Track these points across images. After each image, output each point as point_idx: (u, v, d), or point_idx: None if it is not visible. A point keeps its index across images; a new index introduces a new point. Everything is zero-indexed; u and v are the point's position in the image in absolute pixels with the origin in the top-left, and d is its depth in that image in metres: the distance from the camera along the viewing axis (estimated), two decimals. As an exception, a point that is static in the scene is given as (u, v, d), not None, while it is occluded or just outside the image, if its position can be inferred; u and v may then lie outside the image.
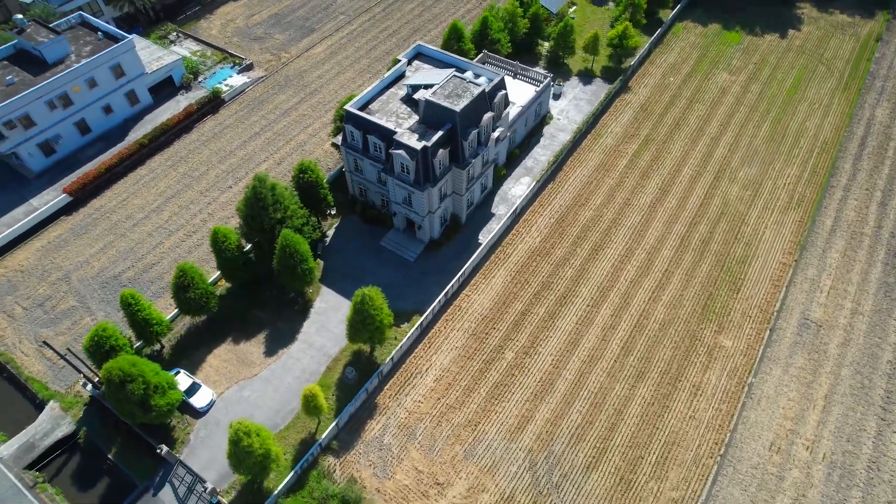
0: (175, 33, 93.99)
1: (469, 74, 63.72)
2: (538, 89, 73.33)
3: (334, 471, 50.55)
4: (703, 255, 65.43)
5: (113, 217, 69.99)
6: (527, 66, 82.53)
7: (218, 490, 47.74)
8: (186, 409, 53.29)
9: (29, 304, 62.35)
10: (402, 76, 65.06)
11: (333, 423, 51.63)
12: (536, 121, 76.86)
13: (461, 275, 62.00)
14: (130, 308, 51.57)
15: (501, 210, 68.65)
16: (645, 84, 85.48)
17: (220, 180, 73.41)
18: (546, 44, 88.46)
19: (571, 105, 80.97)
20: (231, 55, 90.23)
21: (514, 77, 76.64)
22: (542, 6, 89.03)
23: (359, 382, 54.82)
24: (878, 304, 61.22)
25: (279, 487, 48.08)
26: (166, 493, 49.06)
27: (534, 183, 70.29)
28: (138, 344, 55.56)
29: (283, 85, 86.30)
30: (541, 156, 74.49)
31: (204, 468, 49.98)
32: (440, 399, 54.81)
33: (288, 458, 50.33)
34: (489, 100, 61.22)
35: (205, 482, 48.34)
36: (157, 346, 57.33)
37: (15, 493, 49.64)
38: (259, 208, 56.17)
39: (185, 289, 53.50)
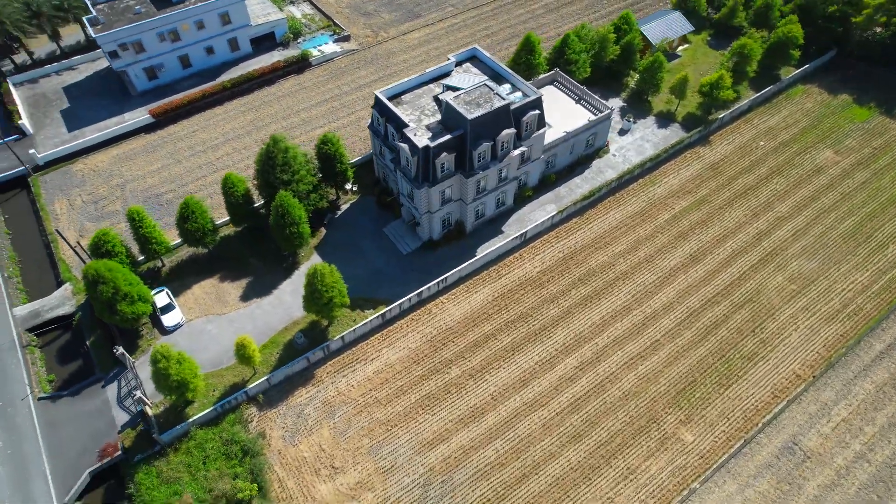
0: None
1: (506, 87, 62.45)
2: (593, 119, 69.75)
3: (251, 421, 53.52)
4: (706, 337, 59.02)
5: (178, 144, 78.39)
6: (594, 94, 79.02)
7: (147, 401, 52.73)
8: (158, 323, 59.09)
9: (88, 199, 72.25)
10: (446, 75, 65.35)
11: (265, 378, 54.54)
12: (587, 151, 73.23)
13: (441, 281, 61.70)
14: (134, 223, 58.02)
15: (513, 230, 66.85)
16: (728, 141, 77.71)
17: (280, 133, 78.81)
18: (635, 75, 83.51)
19: (635, 144, 75.94)
20: (334, 24, 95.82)
21: (577, 102, 73.53)
22: (643, 35, 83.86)
23: (306, 349, 57.11)
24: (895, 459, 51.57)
25: (194, 417, 52.04)
26: (111, 389, 55.14)
27: (556, 212, 67.43)
28: (141, 258, 62.15)
29: (369, 61, 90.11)
30: (578, 187, 71.05)
31: (150, 378, 55.32)
32: (371, 391, 55.53)
33: (216, 394, 54.11)
34: (514, 117, 59.63)
35: (139, 388, 53.63)
36: (159, 264, 63.86)
37: (10, 347, 58.60)
38: (269, 166, 60.07)
39: (185, 220, 59.00)
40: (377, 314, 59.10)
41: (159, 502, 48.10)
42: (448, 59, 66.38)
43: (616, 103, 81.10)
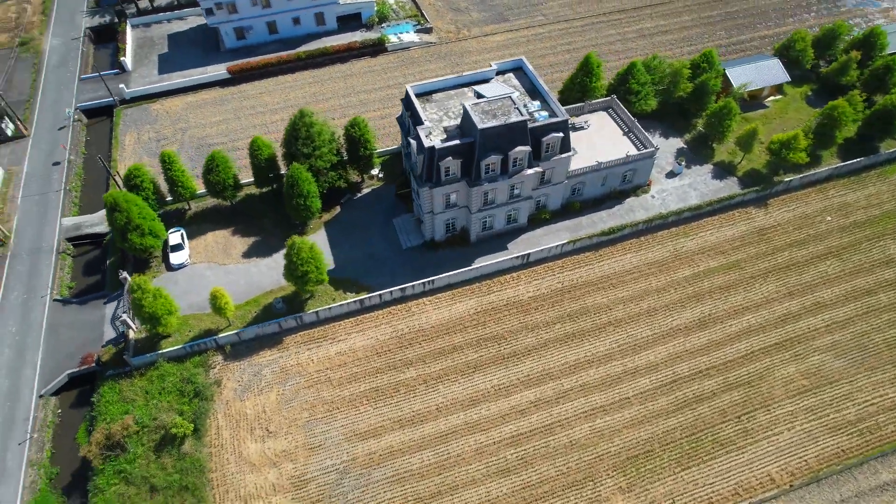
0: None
1: (535, 104, 60.56)
2: (631, 154, 65.87)
3: (213, 367, 56.97)
4: (682, 409, 54.29)
5: (244, 102, 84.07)
6: (657, 129, 74.75)
7: (131, 325, 57.60)
8: (166, 259, 64.29)
9: (153, 136, 79.73)
10: (484, 81, 64.58)
11: (236, 332, 57.75)
12: (622, 186, 69.31)
13: (428, 282, 61.63)
14: (165, 165, 63.33)
15: (518, 249, 65.08)
16: (789, 209, 70.15)
17: (331, 110, 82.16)
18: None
19: (680, 190, 70.74)
20: (421, 14, 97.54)
21: (624, 133, 69.78)
22: (724, 72, 77.53)
23: (281, 315, 59.55)
24: None
25: (165, 350, 56.34)
26: (110, 308, 60.95)
27: (567, 241, 64.74)
28: (169, 198, 67.57)
29: (441, 56, 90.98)
30: (602, 221, 67.57)
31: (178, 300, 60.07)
32: (327, 370, 56.98)
33: (190, 335, 58.11)
34: (534, 135, 57.86)
35: (127, 312, 58.79)
36: (186, 207, 69.23)
37: (49, 250, 66.41)
38: (292, 137, 62.99)
39: (209, 171, 63.51)
40: (356, 298, 60.31)
41: (110, 415, 52.81)
42: (490, 66, 65.46)
43: (675, 144, 75.87)
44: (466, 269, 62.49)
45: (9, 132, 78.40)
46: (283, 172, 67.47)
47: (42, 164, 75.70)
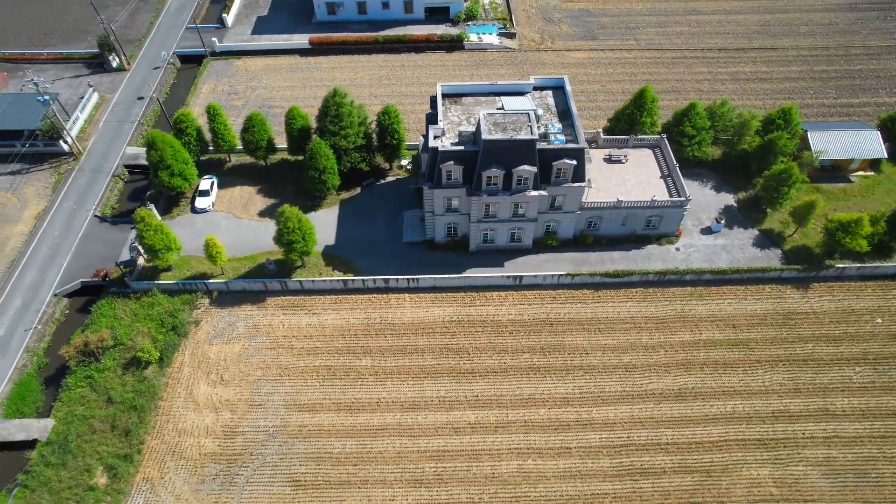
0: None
1: (556, 127, 58.09)
2: (660, 201, 61.39)
3: (198, 308, 61.30)
4: (622, 477, 50.31)
5: (314, 73, 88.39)
6: (712, 180, 69.56)
7: (142, 253, 63.23)
8: (193, 201, 69.68)
9: (226, 89, 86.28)
10: (520, 93, 62.97)
11: (225, 282, 61.66)
12: (645, 231, 64.81)
13: (412, 279, 61.84)
14: (210, 116, 68.44)
15: (514, 269, 63.25)
16: (834, 298, 61.97)
17: (388, 96, 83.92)
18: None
19: (710, 249, 64.84)
20: (509, 18, 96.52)
21: (661, 177, 65.17)
22: (804, 133, 69.65)
23: (269, 276, 62.60)
24: None
25: (161, 281, 61.59)
26: (134, 233, 67.26)
27: (567, 273, 61.94)
28: (212, 147, 72.75)
29: (515, 63, 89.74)
30: (612, 262, 63.71)
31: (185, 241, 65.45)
32: (293, 337, 59.24)
33: (188, 273, 62.81)
34: (543, 158, 55.77)
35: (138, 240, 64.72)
36: (226, 158, 74.44)
37: (109, 171, 74.38)
38: (322, 113, 65.56)
39: (246, 130, 67.84)
40: (341, 278, 61.98)
41: (98, 325, 58.72)
42: (529, 80, 63.66)
43: (725, 199, 69.49)
44: (453, 275, 61.91)
45: (114, 64, 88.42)
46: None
47: (130, 96, 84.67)
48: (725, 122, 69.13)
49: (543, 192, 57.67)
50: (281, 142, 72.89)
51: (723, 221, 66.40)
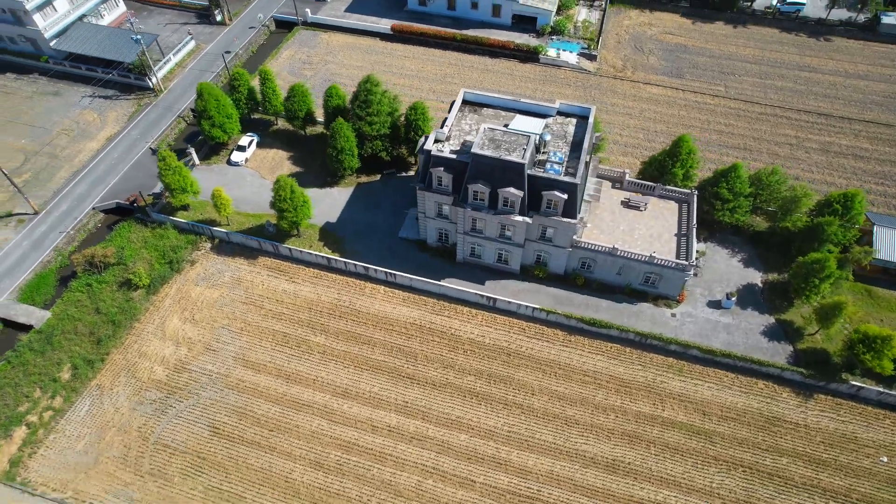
0: (598, 3, 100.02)
1: (558, 156, 55.34)
2: (659, 259, 56.75)
3: (199, 250, 66.37)
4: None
5: (385, 59, 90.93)
6: (728, 245, 63.58)
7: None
8: (231, 153, 75.09)
9: (302, 58, 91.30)
10: (542, 115, 60.73)
11: (227, 232, 66.17)
12: (641, 286, 60.18)
13: (390, 274, 62.46)
14: (261, 78, 73.18)
15: (492, 291, 61.60)
16: (839, 418, 53.93)
17: (451, 95, 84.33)
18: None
19: (709, 325, 58.87)
20: (597, 40, 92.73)
21: (676, 235, 60.08)
22: (871, 223, 60.80)
23: (266, 237, 66.17)
24: None
25: (175, 218, 67.35)
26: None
27: (541, 308, 59.39)
28: (260, 109, 77.41)
29: (583, 86, 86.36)
30: (596, 309, 59.99)
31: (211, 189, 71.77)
32: (266, 299, 62.37)
33: (201, 217, 68.04)
34: (533, 184, 53.65)
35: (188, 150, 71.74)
36: (273, 121, 79.11)
37: (175, 112, 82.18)
38: (354, 96, 67.70)
39: (288, 99, 71.88)
40: (327, 255, 64.07)
41: (111, 243, 65.61)
42: (555, 103, 61.07)
43: (750, 277, 62.59)
44: (431, 280, 61.67)
45: (217, 19, 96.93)
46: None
47: (220, 49, 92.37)
48: (772, 192, 62.04)
49: (528, 220, 55.57)
50: (321, 116, 76.20)
51: (734, 298, 59.90)
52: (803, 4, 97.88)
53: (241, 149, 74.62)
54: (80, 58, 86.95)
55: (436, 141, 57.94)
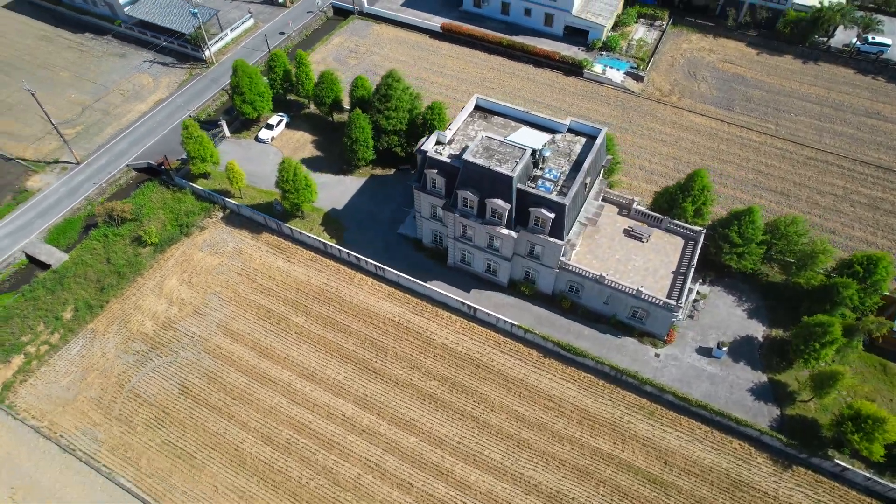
0: (663, 23, 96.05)
1: (555, 174, 53.80)
2: (645, 295, 54.23)
3: (210, 217, 69.58)
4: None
5: (429, 56, 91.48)
6: (736, 291, 59.90)
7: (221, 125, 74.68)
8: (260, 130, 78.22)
9: (350, 46, 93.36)
10: (551, 129, 59.27)
11: (237, 204, 69.01)
12: (629, 321, 57.81)
13: (379, 268, 63.12)
14: (297, 61, 75.48)
15: (475, 300, 60.98)
16: (813, 495, 49.73)
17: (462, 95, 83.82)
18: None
19: (694, 371, 55.68)
20: (647, 61, 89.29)
21: (673, 273, 57.18)
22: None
23: (273, 214, 68.39)
24: None
25: (194, 184, 70.89)
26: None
27: (519, 326, 58.25)
28: (296, 92, 79.82)
29: (624, 106, 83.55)
30: (578, 336, 58.08)
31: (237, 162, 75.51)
32: (260, 273, 64.55)
33: (217, 186, 71.33)
34: (521, 198, 52.60)
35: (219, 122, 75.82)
36: (306, 104, 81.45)
37: (222, 84, 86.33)
38: (375, 89, 68.70)
39: (318, 84, 73.81)
40: (324, 241, 65.53)
41: (132, 200, 69.93)
42: (566, 120, 59.36)
43: (752, 329, 58.71)
44: (417, 280, 61.81)
45: (280, 0, 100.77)
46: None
47: (276, 29, 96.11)
48: (788, 243, 57.78)
49: (513, 234, 54.56)
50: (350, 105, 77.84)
51: (726, 348, 56.36)
52: (888, 46, 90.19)
53: (270, 127, 77.44)
54: (148, 25, 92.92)
55: (437, 143, 57.88)
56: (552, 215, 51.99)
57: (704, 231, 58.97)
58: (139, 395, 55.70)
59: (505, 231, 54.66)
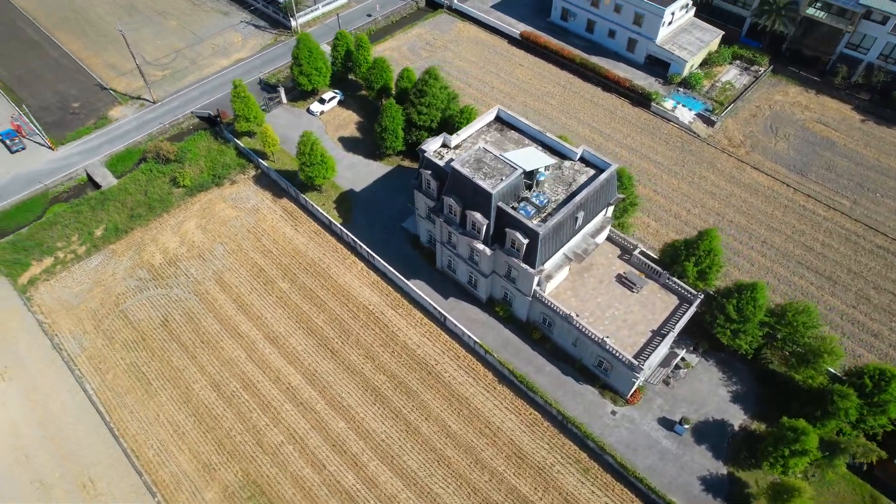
0: (761, 68, 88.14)
1: (541, 199, 51.65)
2: (609, 347, 50.92)
3: (244, 174, 74.45)
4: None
5: (499, 61, 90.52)
6: (727, 370, 54.34)
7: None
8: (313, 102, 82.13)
9: (427, 38, 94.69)
10: (560, 154, 56.91)
11: (268, 166, 73.22)
12: (594, 368, 54.66)
13: (370, 255, 64.40)
14: (357, 43, 78.08)
15: (449, 309, 60.38)
16: None
17: (539, 112, 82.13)
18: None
19: (647, 441, 51.47)
20: (727, 106, 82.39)
21: (654, 332, 53.13)
22: None
23: (295, 183, 71.81)
24: None
25: (237, 140, 76.07)
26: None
27: (481, 345, 57.00)
28: (354, 73, 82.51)
29: (682, 149, 78.00)
30: (534, 369, 55.92)
31: (282, 128, 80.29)
32: (267, 235, 68.18)
33: (257, 147, 75.94)
34: (500, 216, 51.25)
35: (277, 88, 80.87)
36: (361, 84, 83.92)
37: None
38: (414, 83, 69.52)
39: (371, 69, 76.00)
40: (331, 219, 67.83)
41: (182, 144, 76.29)
42: (578, 148, 56.51)
43: (731, 415, 53.19)
44: (401, 276, 62.33)
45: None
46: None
47: (364, 11, 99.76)
48: (793, 332, 51.46)
49: (488, 250, 53.37)
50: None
51: (688, 427, 51.58)
52: None
53: (322, 102, 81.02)
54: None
55: (443, 145, 57.80)
56: (526, 241, 50.21)
57: (702, 296, 54.10)
58: (128, 316, 61.35)
59: (480, 246, 53.63)
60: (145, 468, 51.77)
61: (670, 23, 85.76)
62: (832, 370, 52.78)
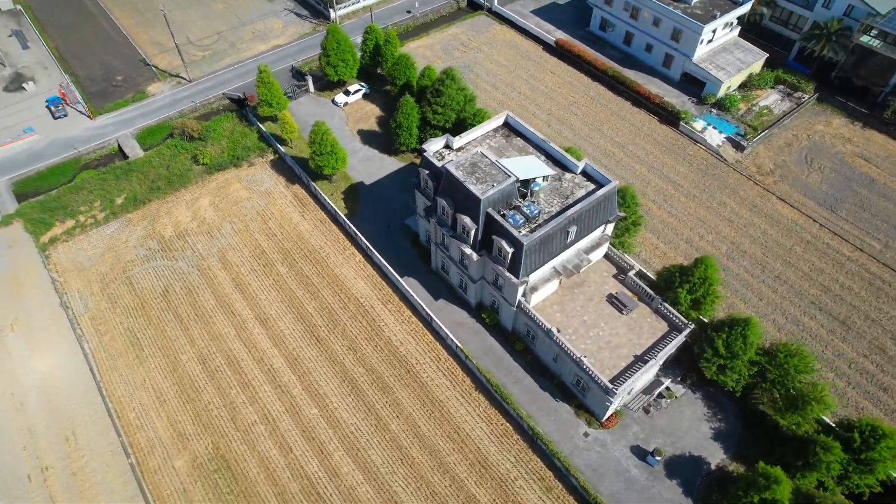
0: (798, 94, 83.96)
1: (531, 208, 50.77)
2: (585, 367, 49.71)
3: (262, 158, 76.45)
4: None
5: (529, 66, 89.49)
6: (712, 406, 52.69)
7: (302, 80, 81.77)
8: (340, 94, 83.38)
9: (461, 39, 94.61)
10: (562, 166, 55.81)
11: (285, 152, 74.91)
12: (572, 387, 53.46)
13: (368, 249, 64.97)
14: (384, 38, 78.72)
15: (436, 310, 60.24)
16: None
17: (560, 124, 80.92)
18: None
19: (616, 468, 49.96)
20: (759, 132, 78.87)
21: (637, 358, 51.53)
22: None
23: (307, 171, 73.21)
24: None
25: (260, 125, 78.15)
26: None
27: (462, 350, 56.67)
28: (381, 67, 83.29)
29: (703, 172, 75.18)
30: (511, 381, 55.19)
31: (305, 116, 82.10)
32: (273, 219, 69.82)
33: (280, 133, 77.78)
34: (488, 222, 50.76)
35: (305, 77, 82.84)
36: (386, 78, 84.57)
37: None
38: (433, 79, 69.66)
39: (394, 65, 76.55)
40: (338, 209, 68.85)
41: (208, 123, 78.92)
42: (581, 162, 55.21)
43: (710, 452, 51.06)
44: (396, 273, 62.63)
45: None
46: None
47: (404, 7, 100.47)
48: (782, 375, 48.86)
49: (475, 255, 52.95)
50: (419, 92, 79.60)
51: (660, 459, 49.80)
52: None
53: (348, 93, 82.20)
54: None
55: (445, 146, 57.71)
56: (511, 250, 49.54)
57: (692, 325, 52.06)
58: (132, 283, 64.04)
59: (468, 250, 53.29)
60: (125, 429, 53.99)
61: (710, 41, 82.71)
62: (825, 419, 49.88)
